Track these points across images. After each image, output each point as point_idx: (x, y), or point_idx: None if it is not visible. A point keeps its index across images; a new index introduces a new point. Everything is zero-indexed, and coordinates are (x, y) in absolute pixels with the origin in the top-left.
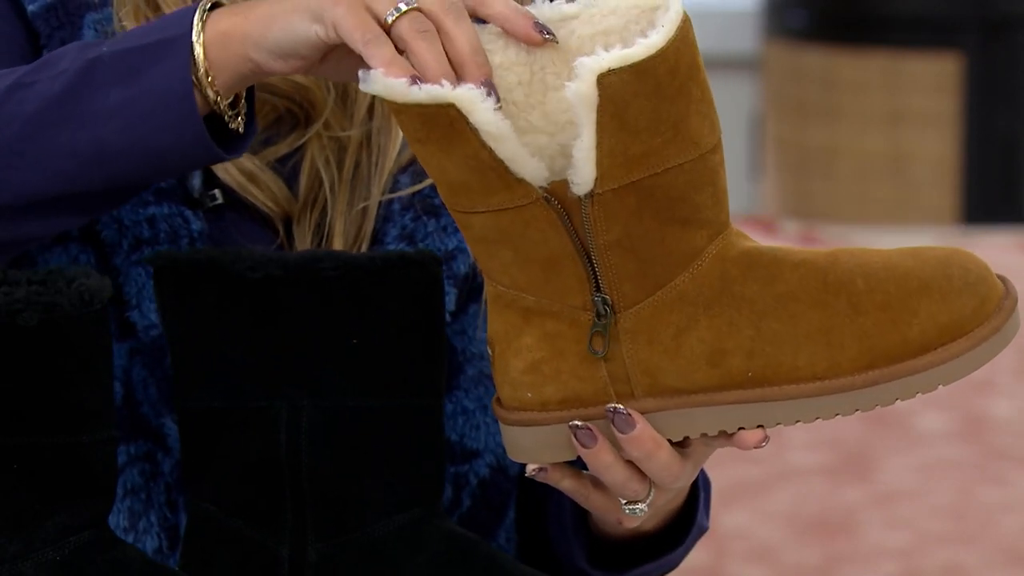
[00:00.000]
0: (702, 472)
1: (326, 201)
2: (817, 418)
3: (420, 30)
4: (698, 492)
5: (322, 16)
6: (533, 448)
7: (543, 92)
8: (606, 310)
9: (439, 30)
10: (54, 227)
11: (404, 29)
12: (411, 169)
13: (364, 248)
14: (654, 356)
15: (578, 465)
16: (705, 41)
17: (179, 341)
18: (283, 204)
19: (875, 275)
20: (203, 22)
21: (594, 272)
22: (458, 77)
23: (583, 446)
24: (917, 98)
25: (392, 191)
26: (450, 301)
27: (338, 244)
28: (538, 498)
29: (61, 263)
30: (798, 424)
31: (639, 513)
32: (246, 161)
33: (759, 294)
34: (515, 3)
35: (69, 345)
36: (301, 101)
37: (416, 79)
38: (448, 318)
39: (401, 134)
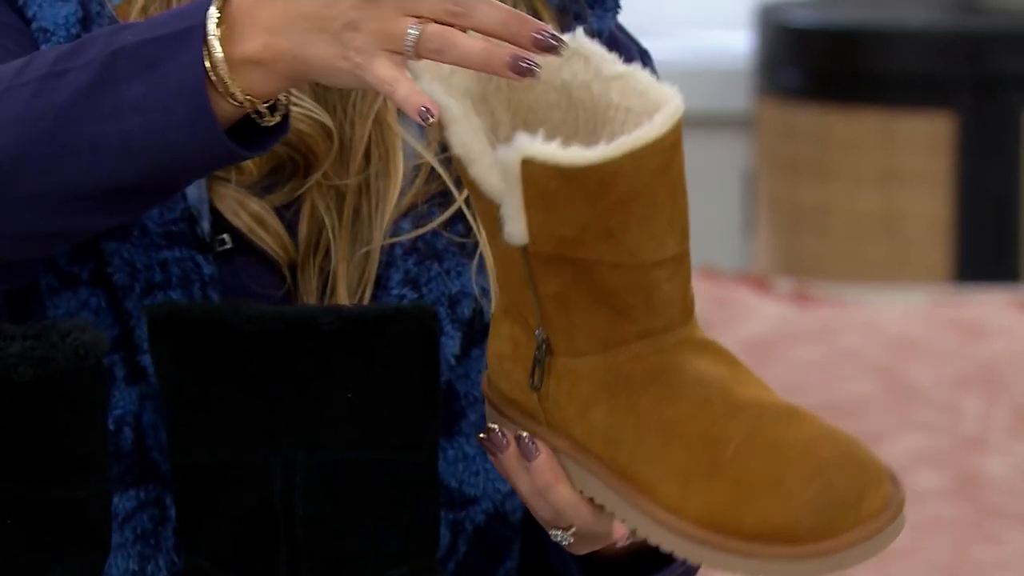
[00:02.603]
0: None
1: (328, 247)
2: (658, 545)
3: (437, 48)
4: None
5: (357, 79)
6: (490, 416)
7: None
8: (543, 347)
9: (465, 30)
10: (108, 220)
11: (427, 55)
12: (412, 214)
13: (368, 293)
14: (568, 409)
15: None
16: (698, 99)
17: (174, 394)
18: (289, 250)
19: (751, 448)
20: (219, 15)
21: (539, 309)
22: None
23: (494, 449)
24: (910, 156)
25: (394, 236)
26: (454, 345)
27: (342, 289)
28: (541, 541)
29: (70, 307)
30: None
31: (561, 541)
32: (254, 204)
33: (648, 409)
34: (511, 11)
35: (64, 400)
36: (303, 149)
37: (427, 110)
38: (452, 361)
39: (400, 179)
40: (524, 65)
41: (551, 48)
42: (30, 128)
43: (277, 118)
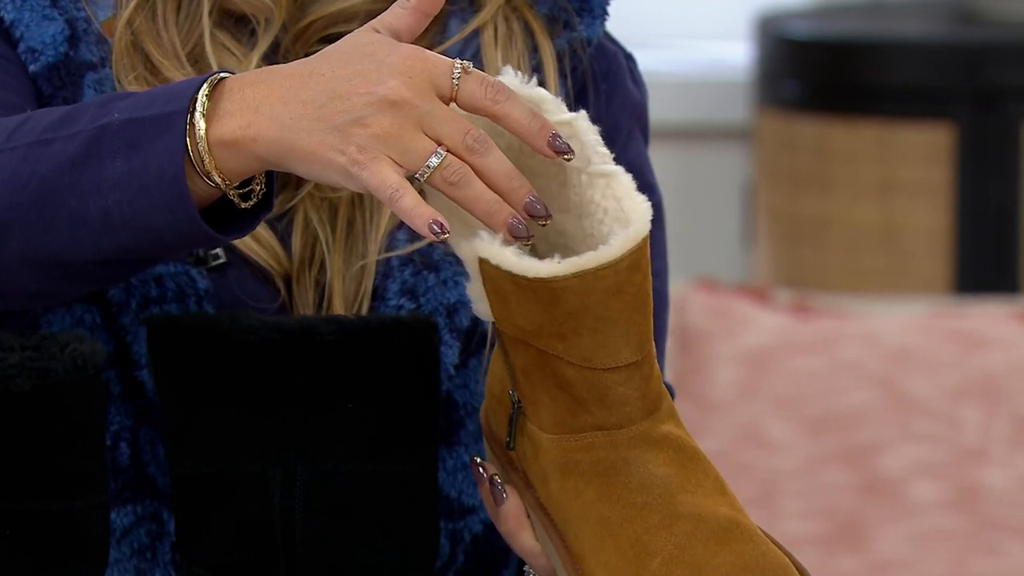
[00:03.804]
0: None
1: (323, 259)
2: None
3: (452, 181)
4: None
5: (350, 178)
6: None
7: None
8: (516, 407)
9: (472, 168)
10: (99, 284)
11: (439, 182)
12: (407, 226)
13: (365, 305)
14: (533, 471)
15: None
16: (698, 111)
17: (173, 405)
18: (283, 263)
19: (676, 565)
20: (205, 108)
21: (512, 374)
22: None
23: (475, 479)
24: (909, 168)
25: (389, 248)
26: (453, 355)
27: (338, 302)
28: None
29: (65, 323)
30: (789, 493)
31: (528, 573)
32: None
33: (591, 503)
34: (530, 111)
35: (62, 411)
36: None
37: (439, 225)
38: (451, 371)
39: None
40: (520, 228)
41: (539, 215)
42: (16, 195)
43: (251, 202)
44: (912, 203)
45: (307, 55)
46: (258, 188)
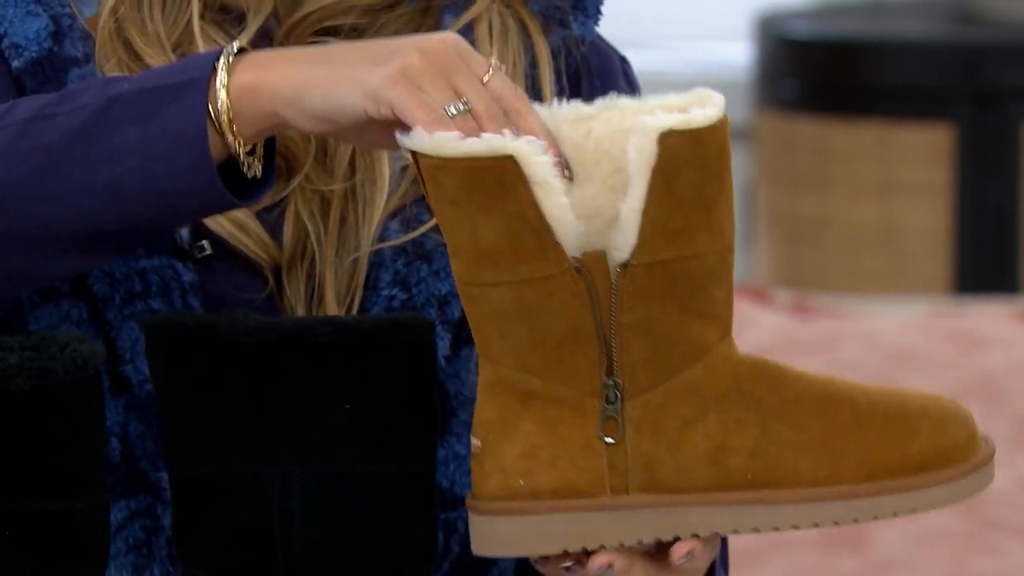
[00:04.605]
0: None
1: (315, 252)
2: (815, 524)
3: (473, 131)
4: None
5: (376, 95)
6: (518, 539)
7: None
8: (616, 395)
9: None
10: (85, 263)
11: (460, 126)
12: (400, 216)
13: (357, 298)
14: (656, 449)
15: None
16: None
17: (170, 405)
18: (272, 253)
19: (874, 394)
20: (228, 67)
21: (608, 354)
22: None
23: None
24: (909, 168)
25: (382, 238)
26: (444, 346)
27: (330, 294)
28: None
29: (52, 319)
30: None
31: None
32: (235, 210)
33: (767, 396)
34: (546, 128)
35: (62, 411)
36: (282, 151)
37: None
38: (442, 362)
39: (387, 185)
40: (565, 170)
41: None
42: (13, 168)
43: (257, 167)
44: (912, 203)
45: None
46: (259, 155)
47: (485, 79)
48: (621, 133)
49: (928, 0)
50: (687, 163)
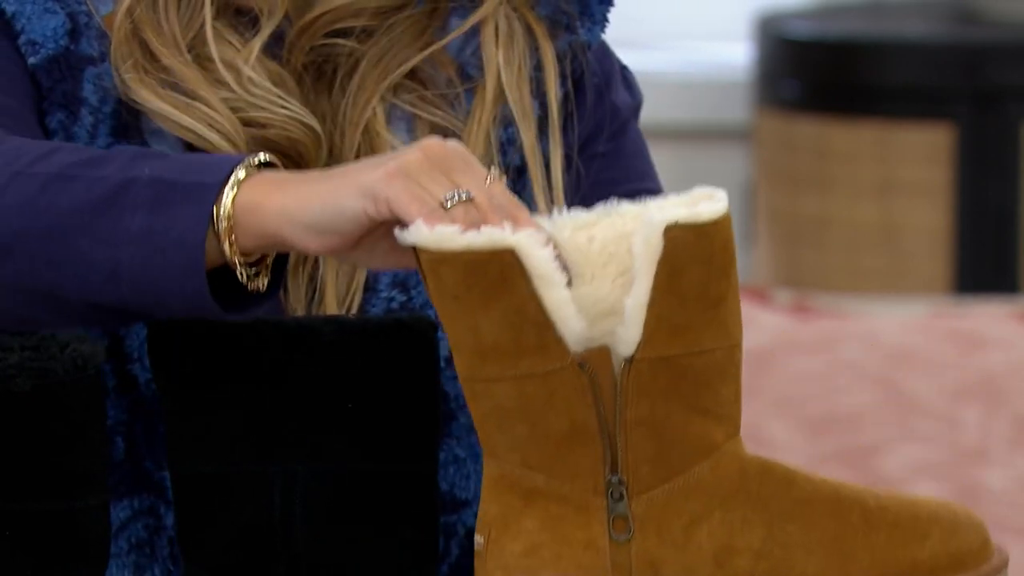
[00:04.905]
0: None
1: (318, 257)
2: None
3: (474, 221)
4: None
5: (374, 192)
6: None
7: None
8: (621, 493)
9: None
10: (78, 324)
11: (460, 216)
12: None
13: (357, 299)
14: (661, 548)
15: None
16: (698, 111)
17: (173, 405)
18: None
19: (884, 497)
20: (239, 182)
21: (612, 451)
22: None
23: None
24: (909, 168)
25: None
26: (444, 347)
27: (330, 296)
28: None
29: None
30: None
31: None
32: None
33: (775, 496)
34: (546, 231)
35: (62, 411)
36: (292, 155)
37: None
38: (442, 364)
39: None
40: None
41: None
42: (29, 222)
43: (261, 281)
44: (912, 203)
45: (312, 49)
46: (266, 268)
47: (486, 184)
48: (625, 237)
49: (928, 0)
50: (692, 258)
